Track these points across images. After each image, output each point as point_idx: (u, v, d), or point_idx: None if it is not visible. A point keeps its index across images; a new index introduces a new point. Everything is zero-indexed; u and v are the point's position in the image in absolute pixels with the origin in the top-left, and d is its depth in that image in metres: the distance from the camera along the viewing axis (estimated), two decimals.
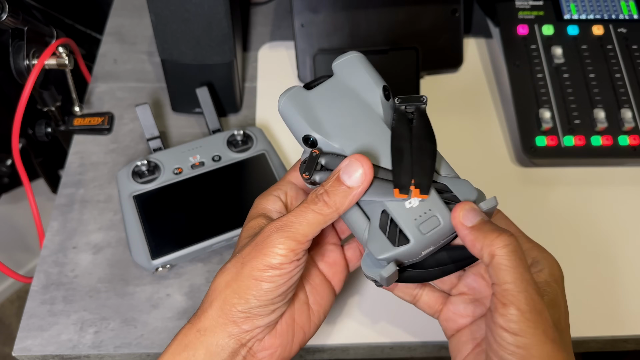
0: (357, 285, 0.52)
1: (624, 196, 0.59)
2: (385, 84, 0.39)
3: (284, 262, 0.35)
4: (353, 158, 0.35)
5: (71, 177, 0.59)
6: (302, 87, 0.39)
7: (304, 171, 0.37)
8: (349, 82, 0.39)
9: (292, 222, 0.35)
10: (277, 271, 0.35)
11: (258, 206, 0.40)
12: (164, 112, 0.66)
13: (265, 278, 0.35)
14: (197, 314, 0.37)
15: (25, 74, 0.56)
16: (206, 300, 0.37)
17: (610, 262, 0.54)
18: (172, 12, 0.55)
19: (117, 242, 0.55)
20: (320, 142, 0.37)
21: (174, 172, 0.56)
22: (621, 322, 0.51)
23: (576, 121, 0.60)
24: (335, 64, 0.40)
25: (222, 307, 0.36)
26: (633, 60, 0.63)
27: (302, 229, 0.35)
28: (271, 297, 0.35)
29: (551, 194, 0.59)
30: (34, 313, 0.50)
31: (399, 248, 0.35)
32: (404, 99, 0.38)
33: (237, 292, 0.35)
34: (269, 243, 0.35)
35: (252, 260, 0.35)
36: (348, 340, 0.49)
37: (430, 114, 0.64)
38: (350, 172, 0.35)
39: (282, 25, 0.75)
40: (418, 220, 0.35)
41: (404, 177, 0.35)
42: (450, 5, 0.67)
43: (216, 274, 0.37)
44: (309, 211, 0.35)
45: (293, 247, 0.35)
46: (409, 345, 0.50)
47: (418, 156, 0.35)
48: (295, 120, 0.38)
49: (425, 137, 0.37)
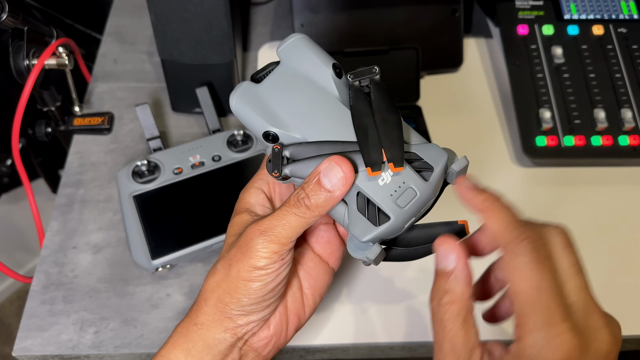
0: (358, 285, 0.52)
1: (624, 196, 0.59)
2: (335, 61, 0.37)
3: (269, 263, 0.35)
4: (332, 161, 0.34)
5: (71, 177, 0.59)
6: (250, 82, 0.38)
7: (272, 170, 0.36)
8: (298, 67, 0.37)
9: (274, 225, 0.35)
10: (263, 271, 0.35)
11: (242, 200, 0.41)
12: (164, 112, 0.66)
13: (252, 278, 0.35)
14: (194, 309, 0.37)
15: (25, 74, 0.56)
16: (200, 297, 0.37)
17: (610, 262, 0.54)
18: (172, 12, 0.55)
19: (117, 242, 0.55)
20: (281, 135, 0.36)
21: (174, 172, 0.56)
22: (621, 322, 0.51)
23: (576, 121, 0.60)
24: (279, 50, 0.38)
25: (217, 305, 0.36)
26: (633, 60, 0.63)
27: (285, 232, 0.35)
28: (261, 294, 0.36)
29: (551, 194, 0.59)
30: (34, 313, 0.50)
31: (380, 227, 0.34)
32: (355, 74, 0.37)
33: (229, 292, 0.36)
34: (252, 247, 0.35)
35: (238, 263, 0.36)
36: (348, 340, 0.49)
37: (430, 114, 0.64)
38: (330, 176, 0.34)
39: (282, 25, 0.75)
40: (394, 195, 0.34)
41: (373, 154, 0.34)
42: (450, 5, 0.67)
43: (207, 273, 0.38)
44: (291, 215, 0.35)
45: (276, 249, 0.35)
46: (409, 345, 0.50)
47: (383, 129, 0.34)
48: (250, 118, 0.37)
49: (387, 108, 0.35)
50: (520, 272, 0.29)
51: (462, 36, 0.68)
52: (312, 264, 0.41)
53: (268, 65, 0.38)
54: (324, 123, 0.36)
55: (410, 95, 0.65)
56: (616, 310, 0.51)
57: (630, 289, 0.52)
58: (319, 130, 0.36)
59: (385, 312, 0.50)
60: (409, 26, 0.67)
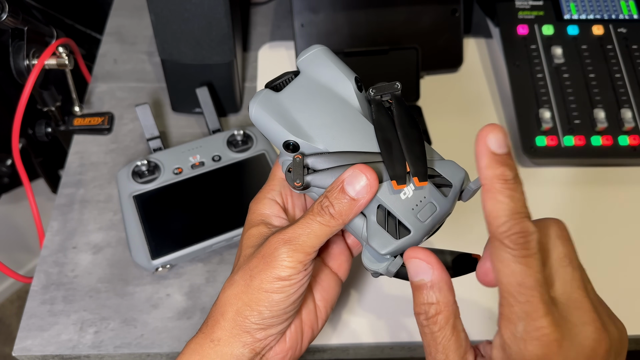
0: (357, 285, 0.52)
1: (624, 196, 0.59)
2: (357, 75, 0.38)
3: (293, 273, 0.35)
4: (356, 169, 0.34)
5: (71, 177, 0.59)
6: (269, 90, 0.37)
7: (294, 179, 0.36)
8: (319, 78, 0.37)
9: (299, 234, 0.35)
10: (287, 282, 0.35)
11: (255, 212, 0.40)
12: (164, 112, 0.66)
13: (275, 290, 0.35)
14: (209, 324, 0.36)
15: (25, 74, 0.56)
16: (216, 311, 0.36)
17: (610, 262, 0.54)
18: (172, 12, 0.55)
19: (117, 242, 0.55)
20: (302, 145, 0.36)
21: (174, 172, 0.56)
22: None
23: (576, 121, 0.60)
24: (299, 60, 0.38)
25: (235, 318, 0.35)
26: (633, 60, 0.63)
27: (310, 241, 0.35)
28: (283, 306, 0.35)
29: (551, 194, 0.59)
30: (34, 313, 0.50)
31: (400, 240, 0.35)
32: (378, 89, 0.37)
33: (249, 305, 0.35)
34: (276, 256, 0.35)
35: (260, 273, 0.35)
36: (348, 341, 0.49)
37: (430, 114, 0.64)
38: (354, 184, 0.34)
39: (282, 25, 0.75)
40: (415, 209, 0.35)
41: (398, 167, 0.34)
42: (450, 5, 0.67)
43: (223, 285, 0.37)
44: (315, 223, 0.35)
45: (301, 259, 0.35)
46: (409, 345, 0.50)
47: (406, 144, 0.35)
48: (271, 126, 0.36)
49: (408, 123, 0.36)
50: (505, 265, 0.28)
51: (462, 36, 0.68)
52: (324, 275, 0.41)
53: (285, 74, 0.38)
54: (346, 134, 0.36)
55: (410, 95, 0.65)
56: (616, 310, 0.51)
57: (630, 288, 0.52)
58: (341, 141, 0.36)
59: (385, 312, 0.50)
60: (409, 26, 0.67)
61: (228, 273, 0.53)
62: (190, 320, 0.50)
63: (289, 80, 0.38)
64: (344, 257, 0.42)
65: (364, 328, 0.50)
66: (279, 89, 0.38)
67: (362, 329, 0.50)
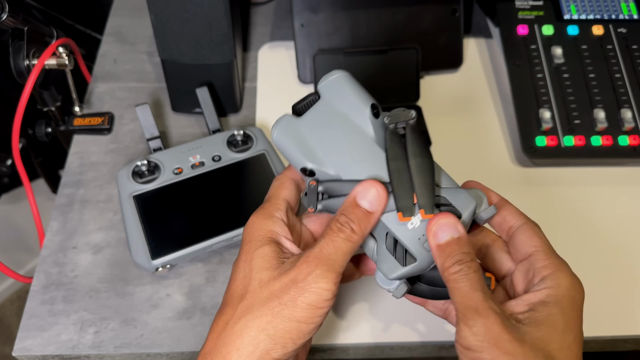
0: (357, 285, 0.52)
1: (624, 196, 0.59)
2: (374, 101, 0.39)
3: (329, 297, 0.34)
4: (367, 183, 0.35)
5: (71, 177, 0.59)
6: (291, 116, 0.39)
7: (309, 205, 0.38)
8: (337, 104, 0.39)
9: (328, 253, 0.34)
10: (320, 310, 0.34)
11: (264, 228, 0.38)
12: (164, 112, 0.66)
13: (307, 319, 0.33)
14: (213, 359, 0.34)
15: (25, 74, 0.56)
16: (225, 343, 0.33)
17: (610, 262, 0.54)
18: (172, 12, 0.55)
19: (117, 242, 0.55)
20: (317, 171, 0.38)
21: (174, 172, 0.56)
22: (621, 322, 0.51)
23: (576, 121, 0.60)
24: (320, 85, 0.39)
25: (252, 355, 0.33)
26: (633, 60, 0.63)
27: (339, 260, 0.34)
28: (307, 339, 0.34)
29: (551, 194, 0.59)
30: (34, 313, 0.50)
31: (406, 267, 0.36)
32: (392, 117, 0.37)
33: (274, 338, 0.33)
34: (311, 281, 0.33)
35: (292, 301, 0.33)
36: (348, 340, 0.49)
37: (431, 114, 0.64)
38: (367, 197, 0.35)
39: (282, 25, 0.75)
40: (422, 239, 0.36)
41: (405, 199, 0.35)
42: (450, 5, 0.67)
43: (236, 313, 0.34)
44: (340, 240, 0.35)
45: (335, 279, 0.34)
46: (409, 345, 0.50)
47: (416, 175, 0.36)
48: (290, 151, 0.39)
49: (421, 154, 0.36)
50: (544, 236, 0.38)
51: (462, 36, 0.68)
52: None
53: (308, 96, 0.40)
54: (358, 163, 0.37)
55: (410, 95, 0.65)
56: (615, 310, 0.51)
57: (630, 288, 0.52)
58: (353, 169, 0.37)
59: (386, 312, 0.50)
60: (409, 26, 0.67)
61: (228, 273, 0.53)
62: (190, 320, 0.50)
63: (312, 103, 0.39)
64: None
65: (364, 328, 0.50)
66: (301, 112, 0.39)
67: (362, 329, 0.50)
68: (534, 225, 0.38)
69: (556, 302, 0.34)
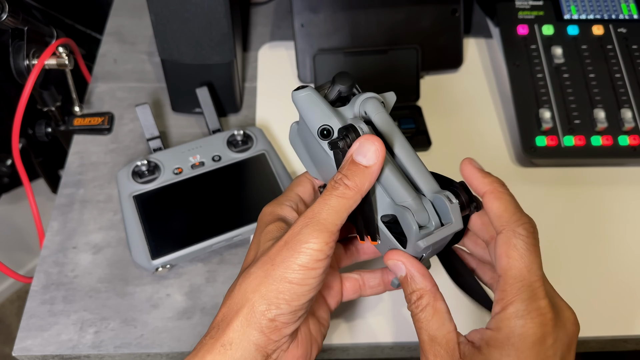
0: None
1: (624, 196, 0.59)
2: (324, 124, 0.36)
3: (320, 257, 0.33)
4: (363, 138, 0.34)
5: (71, 177, 0.59)
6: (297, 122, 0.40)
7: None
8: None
9: (319, 211, 0.34)
10: (313, 272, 0.33)
11: (272, 213, 0.39)
12: (164, 112, 0.66)
13: (299, 280, 0.33)
14: (220, 327, 0.34)
15: (25, 74, 0.56)
16: (229, 310, 0.34)
17: (610, 262, 0.54)
18: (172, 12, 0.55)
19: (117, 242, 0.55)
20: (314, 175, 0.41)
21: (174, 172, 0.56)
22: (621, 322, 0.51)
23: (576, 121, 0.60)
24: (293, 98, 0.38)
25: (249, 316, 0.33)
26: (633, 60, 0.63)
27: (331, 218, 0.33)
28: (302, 302, 0.34)
29: (551, 194, 0.59)
30: (34, 313, 0.50)
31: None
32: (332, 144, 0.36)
33: (266, 298, 0.33)
34: (300, 239, 0.33)
35: (284, 261, 0.33)
36: (348, 340, 0.49)
37: (430, 114, 0.64)
38: (364, 152, 0.34)
39: (282, 25, 0.75)
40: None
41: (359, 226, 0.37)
42: (450, 5, 0.67)
43: (238, 280, 0.35)
44: (332, 197, 0.34)
45: (326, 239, 0.33)
46: (409, 345, 0.50)
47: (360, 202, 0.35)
48: (299, 156, 0.41)
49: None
50: (517, 250, 0.33)
51: (462, 36, 0.68)
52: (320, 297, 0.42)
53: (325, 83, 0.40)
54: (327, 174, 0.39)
55: (410, 95, 0.65)
56: (615, 310, 0.51)
57: (630, 288, 0.52)
58: (327, 180, 0.39)
59: (385, 312, 0.50)
60: (409, 26, 0.67)
61: (228, 273, 0.53)
62: (190, 320, 0.50)
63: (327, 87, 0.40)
64: (335, 292, 0.43)
65: (364, 328, 0.50)
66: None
67: (363, 329, 0.50)
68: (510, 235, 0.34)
69: (495, 347, 0.32)
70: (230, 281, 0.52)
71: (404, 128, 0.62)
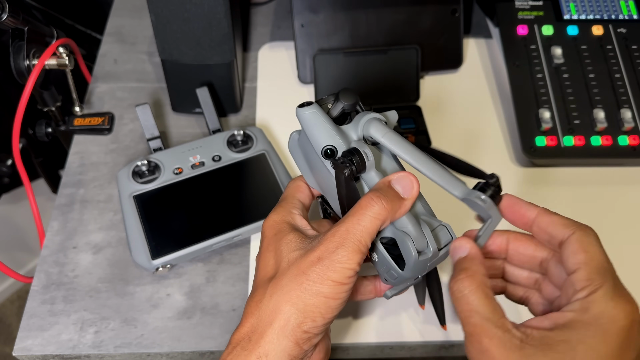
0: None
1: (624, 196, 0.59)
2: (328, 144, 0.37)
3: (351, 275, 0.34)
4: (403, 173, 0.36)
5: (71, 177, 0.59)
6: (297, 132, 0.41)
7: (323, 217, 0.45)
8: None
9: (353, 232, 0.34)
10: (345, 287, 0.34)
11: (285, 222, 0.39)
12: (164, 112, 0.66)
13: (334, 295, 0.34)
14: (252, 339, 0.34)
15: (25, 74, 0.56)
16: (259, 321, 0.35)
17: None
18: (172, 12, 0.55)
19: (117, 242, 0.55)
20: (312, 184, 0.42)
21: (174, 172, 0.56)
22: None
23: (576, 121, 0.60)
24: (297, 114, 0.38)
25: (284, 328, 0.34)
26: (633, 60, 0.63)
27: (364, 240, 0.35)
28: (335, 314, 0.35)
29: (551, 194, 0.59)
30: (34, 313, 0.50)
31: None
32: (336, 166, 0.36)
33: (303, 311, 0.34)
34: (336, 259, 0.34)
35: (319, 277, 0.34)
36: (348, 340, 0.49)
37: (430, 114, 0.64)
38: (404, 184, 0.36)
39: (282, 25, 0.75)
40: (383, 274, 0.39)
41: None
42: (450, 5, 0.67)
43: (267, 290, 0.35)
44: (367, 218, 0.34)
45: (359, 260, 0.34)
46: (409, 345, 0.50)
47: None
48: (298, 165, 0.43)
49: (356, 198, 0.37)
50: (594, 246, 0.34)
51: (462, 36, 0.68)
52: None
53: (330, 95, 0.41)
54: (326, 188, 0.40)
55: (410, 95, 0.65)
56: None
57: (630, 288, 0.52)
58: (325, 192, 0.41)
59: (385, 312, 0.50)
60: (409, 26, 0.67)
61: (228, 273, 0.53)
62: (191, 320, 0.50)
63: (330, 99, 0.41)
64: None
65: (364, 328, 0.50)
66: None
67: (362, 329, 0.50)
68: (583, 235, 0.35)
69: (577, 329, 0.31)
70: (231, 281, 0.52)
71: (404, 128, 0.62)
